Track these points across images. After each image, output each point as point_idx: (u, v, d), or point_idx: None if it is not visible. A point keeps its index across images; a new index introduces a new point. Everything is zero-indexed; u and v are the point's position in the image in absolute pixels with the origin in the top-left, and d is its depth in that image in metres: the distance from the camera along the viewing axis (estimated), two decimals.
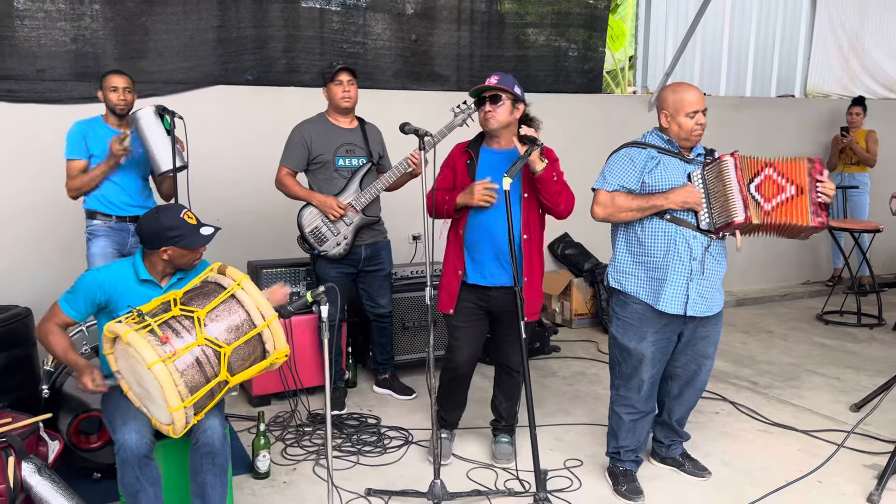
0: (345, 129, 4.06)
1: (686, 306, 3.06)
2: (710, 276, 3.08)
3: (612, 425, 3.35)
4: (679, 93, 3.07)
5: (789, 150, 7.35)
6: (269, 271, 4.32)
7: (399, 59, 5.80)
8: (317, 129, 4.03)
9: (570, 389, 4.62)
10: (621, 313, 3.21)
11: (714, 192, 2.99)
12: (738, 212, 2.92)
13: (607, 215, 3.13)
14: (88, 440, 3.28)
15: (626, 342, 3.19)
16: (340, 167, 4.02)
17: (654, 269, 3.08)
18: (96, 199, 3.84)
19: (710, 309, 3.14)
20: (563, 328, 5.99)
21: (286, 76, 5.39)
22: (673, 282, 3.05)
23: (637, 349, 3.16)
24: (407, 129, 3.16)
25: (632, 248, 3.16)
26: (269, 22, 5.29)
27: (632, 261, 3.16)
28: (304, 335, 4.22)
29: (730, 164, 2.96)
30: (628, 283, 3.16)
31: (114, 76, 3.81)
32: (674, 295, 3.05)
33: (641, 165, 3.09)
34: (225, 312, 2.57)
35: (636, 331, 3.16)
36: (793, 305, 7.00)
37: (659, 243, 3.07)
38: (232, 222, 4.98)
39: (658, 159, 3.09)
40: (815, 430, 3.94)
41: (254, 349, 2.62)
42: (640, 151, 3.13)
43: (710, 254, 3.07)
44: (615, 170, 3.13)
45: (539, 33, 6.34)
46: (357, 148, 4.06)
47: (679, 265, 3.04)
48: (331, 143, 4.01)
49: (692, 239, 3.04)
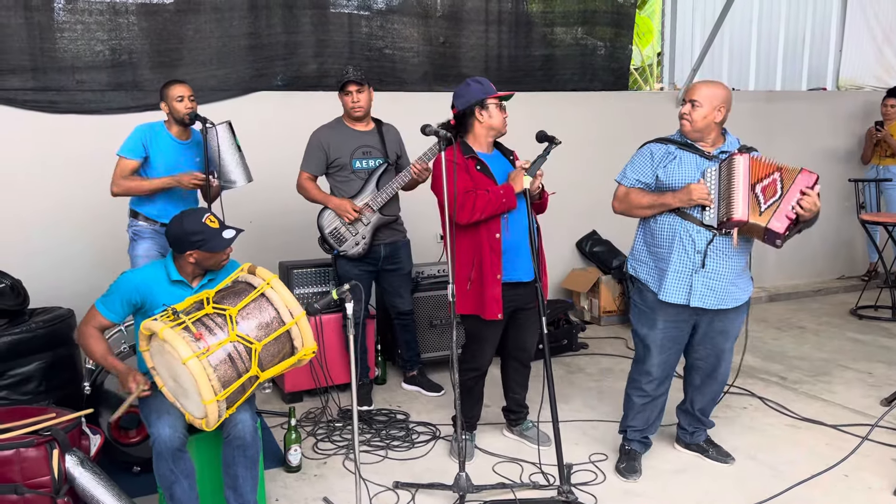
0: (361, 132, 4.16)
1: (690, 297, 3.15)
2: (716, 270, 3.14)
3: (625, 404, 3.53)
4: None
5: (824, 143, 7.32)
6: (300, 271, 4.44)
7: (427, 61, 5.87)
8: (334, 133, 4.15)
9: (596, 385, 4.65)
10: (638, 300, 3.36)
11: (723, 189, 3.06)
12: (738, 210, 2.98)
13: (622, 210, 3.32)
14: (128, 435, 3.42)
15: (639, 328, 3.35)
16: (357, 169, 4.13)
17: (660, 259, 3.22)
18: (144, 203, 3.91)
19: (723, 302, 3.18)
20: (592, 325, 6.01)
21: (316, 80, 5.50)
22: (674, 272, 3.16)
23: (648, 335, 3.31)
24: (428, 130, 3.23)
25: (647, 239, 3.31)
26: (299, 28, 5.41)
27: (646, 251, 3.30)
28: (334, 333, 4.33)
29: (740, 162, 3.02)
30: (641, 271, 3.32)
31: (178, 85, 3.87)
32: (675, 285, 3.16)
33: (660, 161, 3.21)
34: (255, 310, 2.69)
35: (648, 318, 3.30)
36: (826, 301, 6.92)
37: (665, 235, 3.19)
38: (264, 224, 5.13)
39: (675, 155, 3.19)
40: (844, 424, 3.92)
41: (283, 346, 2.73)
42: (661, 147, 3.26)
43: (714, 248, 3.12)
44: (635, 165, 3.29)
45: (566, 32, 6.36)
46: (374, 150, 4.16)
47: (683, 257, 3.15)
48: (347, 147, 4.12)
49: (696, 233, 3.13)
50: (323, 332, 4.23)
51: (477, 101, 3.38)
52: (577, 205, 5.75)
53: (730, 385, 3.90)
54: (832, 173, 7.34)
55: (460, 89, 3.43)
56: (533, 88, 6.06)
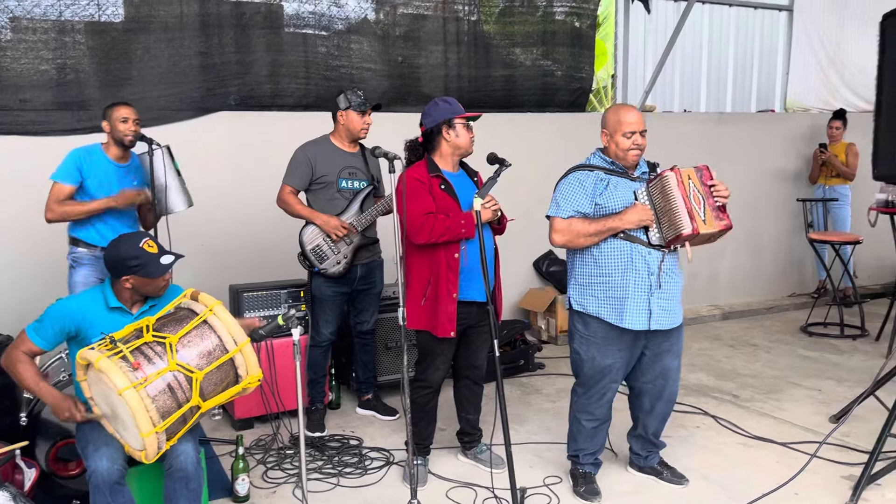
0: (347, 153, 4.13)
1: (650, 321, 3.15)
2: (668, 290, 3.16)
3: (573, 429, 3.47)
4: (619, 113, 3.20)
5: (773, 163, 7.48)
6: (251, 295, 4.35)
7: (386, 81, 5.85)
8: (321, 150, 4.11)
9: (553, 406, 4.64)
10: (584, 331, 3.29)
11: (660, 207, 3.08)
12: (685, 224, 3.01)
13: (566, 241, 3.23)
14: (67, 467, 3.28)
15: (589, 358, 3.28)
16: (343, 188, 4.10)
17: (612, 288, 3.17)
18: (83, 228, 3.81)
19: (673, 321, 3.22)
20: (549, 345, 6.01)
21: (270, 99, 5.45)
22: (634, 298, 3.14)
23: (601, 364, 3.26)
24: (378, 152, 3.21)
25: (588, 271, 3.25)
26: (252, 47, 5.35)
27: (590, 283, 3.24)
28: (286, 358, 4.24)
29: (671, 179, 3.06)
30: (590, 305, 3.25)
31: (124, 107, 3.78)
32: (636, 311, 3.14)
33: (591, 188, 3.19)
34: (197, 338, 2.61)
35: (599, 348, 3.25)
36: (778, 318, 7.03)
37: (616, 262, 3.16)
38: (215, 247, 5.04)
39: (607, 180, 3.20)
40: (794, 442, 3.96)
41: (226, 374, 2.65)
42: (588, 174, 3.24)
43: (665, 267, 3.15)
44: (567, 195, 3.23)
45: (525, 53, 6.40)
46: (359, 171, 4.14)
47: (639, 281, 3.14)
48: (334, 165, 4.08)
49: (647, 255, 3.14)
50: (274, 357, 4.14)
51: (444, 120, 3.40)
52: (533, 225, 5.74)
53: (678, 403, 3.91)
54: (781, 193, 7.53)
55: (429, 108, 3.46)
56: (493, 108, 6.08)
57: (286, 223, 4.46)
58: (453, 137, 3.41)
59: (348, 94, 4.04)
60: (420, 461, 3.60)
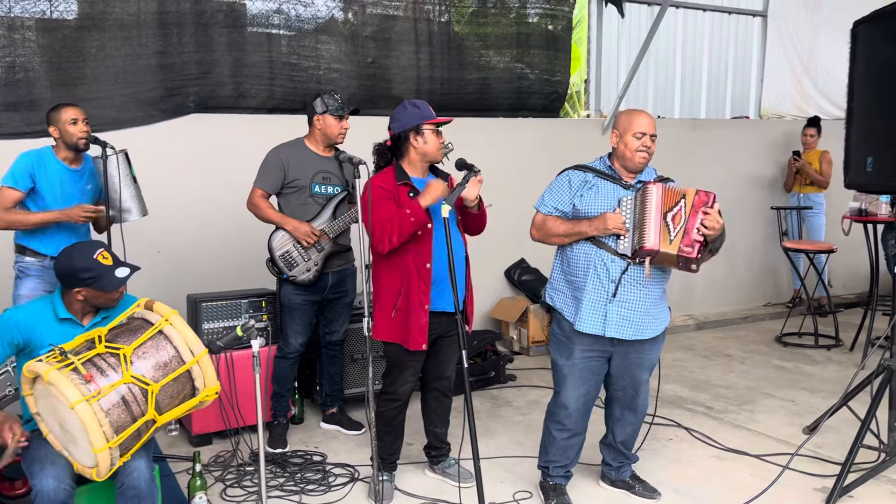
0: (322, 157, 4.11)
1: (605, 327, 3.20)
2: (632, 301, 3.21)
3: (544, 439, 3.52)
4: (631, 115, 3.29)
5: (748, 171, 7.63)
6: (210, 304, 4.31)
7: (355, 83, 5.82)
8: (294, 153, 4.10)
9: (524, 419, 4.67)
10: (556, 330, 3.41)
11: (637, 218, 3.15)
12: (649, 239, 3.09)
13: (540, 237, 3.38)
14: (13, 486, 3.22)
15: (557, 358, 3.39)
16: (316, 193, 4.10)
17: (576, 288, 3.28)
18: (31, 236, 3.75)
19: (640, 333, 3.25)
20: (521, 356, 6.05)
21: (233, 101, 5.42)
22: (589, 301, 3.22)
23: (564, 365, 3.36)
24: (341, 157, 3.22)
25: (564, 268, 3.37)
26: (213, 47, 5.30)
27: (563, 279, 3.36)
28: (247, 370, 4.20)
29: (653, 191, 3.14)
30: (558, 300, 3.38)
31: (68, 108, 3.72)
32: (590, 315, 3.22)
33: (577, 188, 3.29)
34: (152, 349, 2.59)
35: (565, 347, 3.34)
36: (753, 328, 7.16)
37: (581, 263, 3.26)
38: (172, 255, 4.99)
39: (593, 184, 3.27)
40: (767, 454, 4.04)
41: (183, 386, 2.64)
42: (579, 174, 3.34)
43: (629, 278, 3.19)
44: (554, 192, 3.36)
45: (500, 55, 6.43)
46: (333, 176, 4.13)
47: (598, 286, 3.21)
48: (308, 169, 4.08)
49: (610, 262, 3.20)
50: (234, 369, 4.12)
51: (412, 126, 3.39)
52: (505, 232, 5.80)
53: (653, 415, 3.96)
54: (756, 201, 7.68)
55: (397, 112, 3.45)
56: (465, 112, 6.10)
57: (248, 230, 4.45)
58: (421, 144, 3.41)
59: (325, 98, 4.04)
60: (386, 477, 3.60)
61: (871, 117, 3.60)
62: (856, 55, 3.69)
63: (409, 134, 3.41)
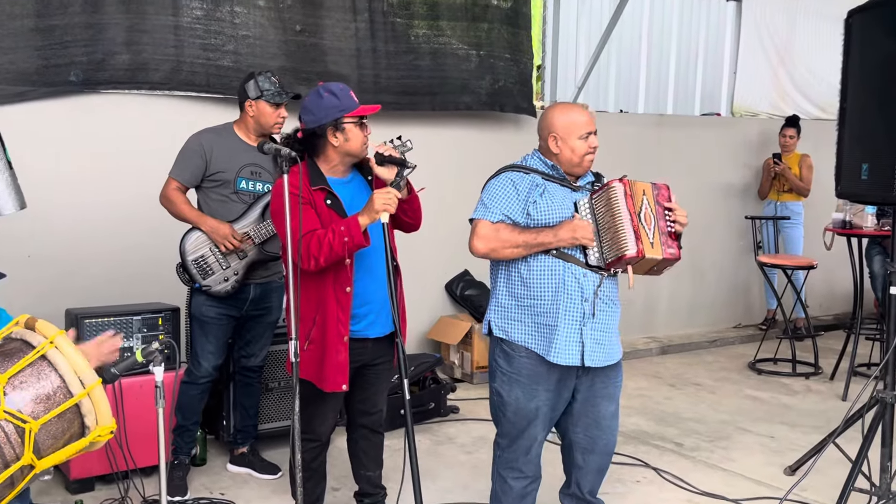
0: (253, 149, 3.93)
1: (583, 356, 3.14)
2: (603, 320, 3.19)
3: (496, 489, 3.41)
4: (569, 114, 3.25)
5: (719, 174, 7.85)
6: (94, 321, 4.15)
7: (281, 54, 5.61)
8: (219, 140, 4.01)
9: (469, 458, 4.66)
10: (507, 367, 3.24)
11: (603, 223, 3.12)
12: (629, 245, 3.04)
13: (490, 250, 3.17)
14: None
15: (513, 400, 3.23)
16: (241, 190, 4.02)
17: (541, 314, 3.16)
18: None
19: (610, 357, 3.24)
20: (464, 384, 6.05)
21: (128, 75, 5.17)
22: (565, 328, 3.12)
23: (526, 408, 3.21)
24: (266, 148, 3.11)
25: (514, 290, 3.23)
26: (103, 7, 5.09)
27: (515, 304, 3.23)
28: (140, 400, 4.06)
29: (619, 191, 3.10)
30: (514, 331, 3.22)
31: None
32: (567, 343, 3.13)
33: (525, 193, 3.18)
34: (32, 378, 2.47)
35: (525, 388, 3.20)
36: (722, 352, 7.37)
37: (546, 282, 3.15)
38: (47, 260, 4.81)
39: (542, 187, 3.20)
40: (747, 497, 4.14)
41: (69, 424, 2.52)
42: (524, 177, 3.23)
43: (602, 294, 3.17)
44: (498, 197, 3.20)
45: (452, 30, 6.18)
46: (264, 172, 4.05)
47: (571, 308, 3.13)
48: (235, 161, 3.99)
49: (582, 277, 3.14)
50: (123, 400, 3.97)
51: (331, 121, 3.21)
52: (446, 241, 5.81)
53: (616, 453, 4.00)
54: (727, 209, 7.91)
55: (310, 100, 3.26)
56: (407, 95, 6.00)
57: (144, 234, 4.33)
58: (342, 142, 3.24)
59: (260, 81, 3.93)
60: None
61: (867, 119, 3.70)
62: (850, 49, 3.80)
63: (327, 130, 3.23)
